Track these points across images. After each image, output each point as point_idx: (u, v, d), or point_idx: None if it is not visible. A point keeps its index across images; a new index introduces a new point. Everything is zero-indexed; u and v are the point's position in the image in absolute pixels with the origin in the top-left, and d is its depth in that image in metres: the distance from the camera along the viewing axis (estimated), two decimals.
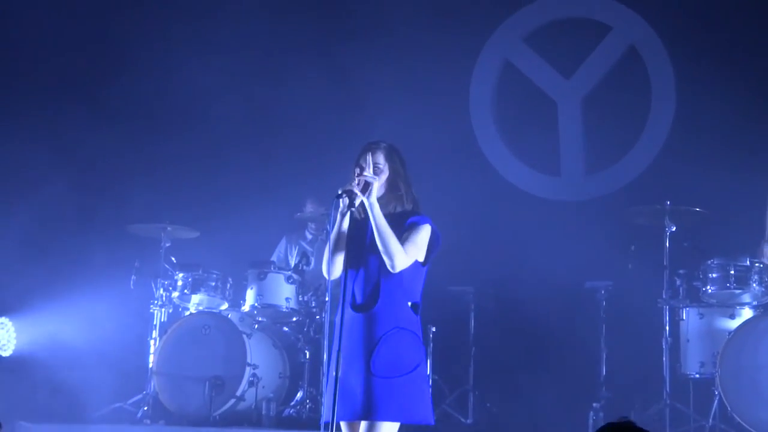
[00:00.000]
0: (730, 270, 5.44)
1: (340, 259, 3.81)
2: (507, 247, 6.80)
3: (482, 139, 7.45)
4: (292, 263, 6.60)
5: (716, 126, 6.50)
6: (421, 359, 3.82)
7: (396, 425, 3.73)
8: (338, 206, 3.82)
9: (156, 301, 6.21)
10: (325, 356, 4.96)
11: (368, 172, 3.79)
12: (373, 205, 3.74)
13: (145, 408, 5.97)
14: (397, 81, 7.02)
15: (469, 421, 6.34)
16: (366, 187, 3.75)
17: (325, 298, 5.85)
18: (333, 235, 3.81)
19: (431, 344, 6.41)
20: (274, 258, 6.72)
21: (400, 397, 3.70)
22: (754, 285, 5.42)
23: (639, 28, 7.09)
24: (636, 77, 7.09)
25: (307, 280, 6.23)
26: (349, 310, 3.82)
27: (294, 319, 6.26)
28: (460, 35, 7.30)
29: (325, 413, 3.66)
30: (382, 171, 3.93)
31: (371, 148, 3.97)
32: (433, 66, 7.14)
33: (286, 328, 6.35)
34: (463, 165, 7.21)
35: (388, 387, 3.68)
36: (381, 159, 3.95)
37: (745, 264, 5.45)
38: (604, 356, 6.14)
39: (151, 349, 6.12)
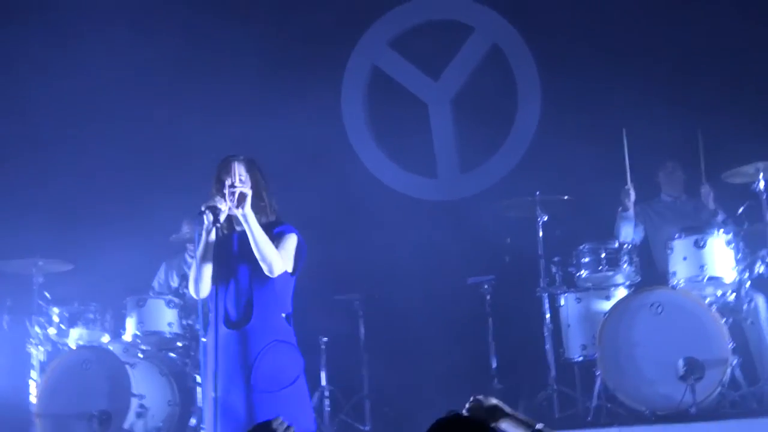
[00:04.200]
0: (601, 253, 5.60)
1: (207, 276, 3.77)
2: (389, 250, 6.85)
3: (358, 146, 7.50)
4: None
5: (581, 117, 6.70)
6: (300, 370, 3.82)
7: None
8: (202, 222, 3.79)
9: (32, 340, 5.98)
10: (198, 378, 4.89)
11: (238, 184, 3.78)
12: (248, 215, 3.72)
13: None
14: (266, 91, 7.00)
15: (367, 428, 6.34)
16: (242, 199, 3.74)
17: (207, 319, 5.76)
18: (199, 252, 3.78)
19: (324, 355, 6.40)
20: (154, 285, 6.58)
21: (283, 410, 3.67)
22: (625, 266, 5.60)
23: (500, 27, 7.26)
24: (501, 75, 7.26)
25: (188, 303, 6.11)
26: (223, 328, 3.78)
27: (179, 344, 6.13)
28: (325, 45, 7.34)
29: None
30: (244, 183, 3.92)
31: (231, 161, 3.95)
32: (302, 76, 7.14)
33: (172, 354, 6.21)
34: (340, 172, 7.24)
35: (270, 401, 3.66)
36: (243, 171, 3.94)
37: (614, 246, 5.62)
38: (493, 349, 6.24)
39: (32, 391, 5.90)
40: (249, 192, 3.76)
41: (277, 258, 3.73)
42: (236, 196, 3.74)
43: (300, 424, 3.72)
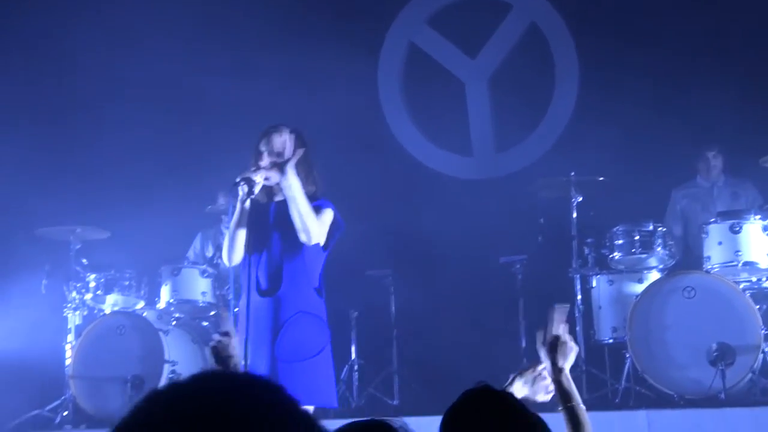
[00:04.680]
0: (634, 235, 5.57)
1: (240, 244, 3.82)
2: (423, 227, 6.86)
3: (393, 123, 7.50)
4: None
5: (618, 98, 6.64)
6: (325, 343, 3.85)
7: (307, 408, 3.74)
8: (237, 194, 3.84)
9: (69, 305, 6.10)
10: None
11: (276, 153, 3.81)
12: (292, 185, 3.74)
13: (65, 413, 5.88)
14: (303, 67, 7.01)
15: (395, 403, 6.37)
16: (282, 168, 3.76)
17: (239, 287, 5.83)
18: (233, 221, 3.83)
19: (354, 329, 6.44)
20: (189, 254, 6.66)
21: (303, 380, 3.72)
22: (659, 249, 5.56)
23: (538, 5, 7.20)
24: (539, 54, 7.20)
25: (222, 273, 6.19)
26: (255, 295, 3.83)
27: (212, 313, 6.22)
28: (364, 20, 7.33)
29: None
30: (285, 153, 3.95)
31: (271, 131, 3.98)
32: (339, 52, 7.13)
33: (205, 323, 6.31)
34: (375, 149, 7.25)
35: (291, 371, 3.71)
36: (285, 141, 3.96)
37: (648, 229, 5.59)
38: (523, 329, 6.24)
39: (68, 354, 6.02)
40: (293, 160, 3.79)
41: (317, 227, 3.76)
42: (277, 166, 3.76)
43: (320, 397, 3.76)
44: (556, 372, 2.41)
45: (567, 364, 2.44)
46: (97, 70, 6.89)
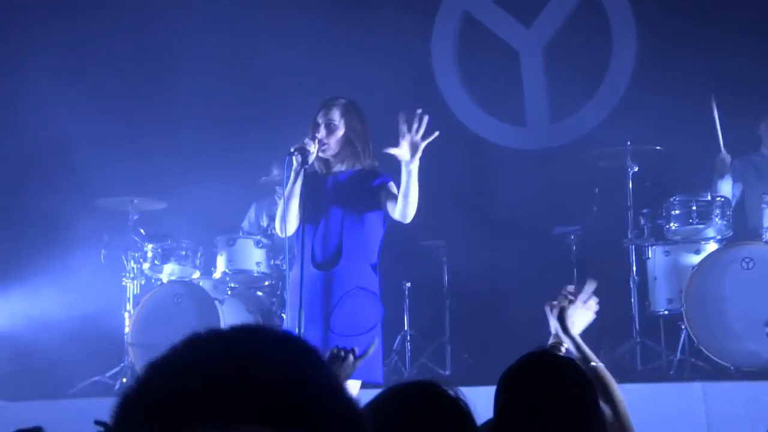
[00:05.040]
0: (692, 206, 5.47)
1: (294, 215, 3.85)
2: (476, 198, 6.84)
3: (447, 93, 7.45)
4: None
5: (677, 66, 6.51)
6: (378, 320, 3.88)
7: (356, 383, 3.77)
8: (291, 164, 3.86)
9: (128, 274, 6.23)
10: (284, 316, 5.03)
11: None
12: (412, 171, 3.75)
13: (124, 380, 6.01)
14: (356, 36, 7.00)
15: (447, 373, 6.40)
16: (415, 150, 3.74)
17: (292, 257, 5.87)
18: (286, 192, 3.86)
19: (407, 300, 6.47)
20: (244, 224, 6.73)
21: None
22: (717, 219, 5.46)
23: None
24: (596, 23, 7.08)
25: (277, 244, 6.25)
26: (310, 267, 3.86)
27: (266, 283, 6.30)
28: None
29: None
30: (337, 128, 3.96)
31: (327, 104, 4.00)
32: (392, 21, 7.10)
33: (260, 293, 6.39)
34: (428, 119, 7.20)
35: (344, 344, 3.74)
36: (336, 116, 3.98)
37: (706, 199, 5.49)
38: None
39: (126, 322, 6.16)
40: (424, 143, 3.78)
41: (415, 209, 3.75)
42: (412, 146, 3.76)
43: (369, 372, 3.79)
44: (566, 334, 2.45)
45: (576, 329, 2.50)
46: (155, 43, 6.94)
